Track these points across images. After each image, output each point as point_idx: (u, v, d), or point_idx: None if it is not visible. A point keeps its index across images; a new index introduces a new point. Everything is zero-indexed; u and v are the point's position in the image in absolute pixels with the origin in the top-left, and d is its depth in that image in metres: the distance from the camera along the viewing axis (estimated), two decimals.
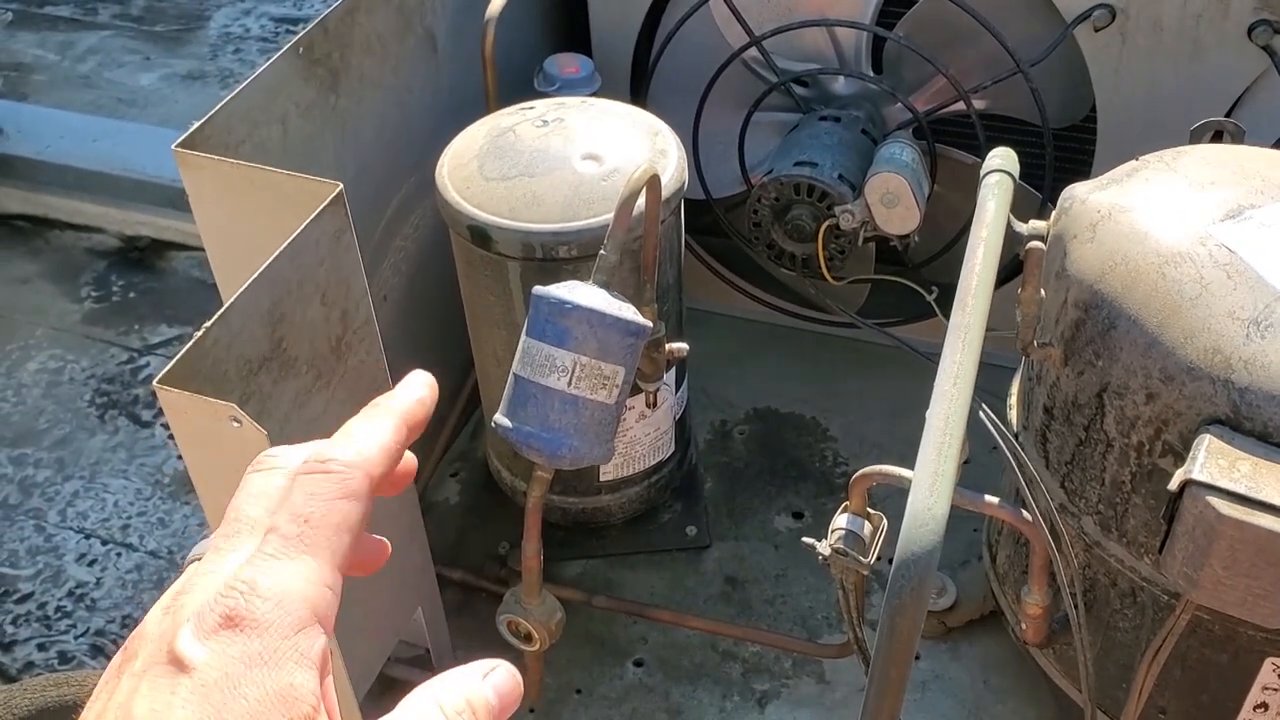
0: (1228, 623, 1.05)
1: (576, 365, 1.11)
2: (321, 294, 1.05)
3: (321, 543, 0.40)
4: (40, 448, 2.19)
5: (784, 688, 1.46)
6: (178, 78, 3.25)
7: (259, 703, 0.36)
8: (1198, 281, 1.01)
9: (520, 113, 1.41)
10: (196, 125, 1.11)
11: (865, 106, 1.64)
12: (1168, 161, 1.14)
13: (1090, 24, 1.46)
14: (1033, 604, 1.17)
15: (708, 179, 1.73)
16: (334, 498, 0.41)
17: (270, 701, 0.36)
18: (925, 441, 0.88)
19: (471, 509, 1.67)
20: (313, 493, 0.41)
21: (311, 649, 0.38)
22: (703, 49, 1.65)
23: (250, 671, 0.36)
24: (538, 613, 1.27)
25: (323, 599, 0.39)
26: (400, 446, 0.45)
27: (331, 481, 0.41)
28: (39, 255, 2.68)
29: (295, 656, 0.37)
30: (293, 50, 1.24)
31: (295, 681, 0.37)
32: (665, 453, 1.55)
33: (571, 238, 1.29)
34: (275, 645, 0.37)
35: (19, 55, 3.35)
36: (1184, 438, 1.00)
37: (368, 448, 0.43)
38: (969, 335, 0.95)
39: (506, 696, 0.42)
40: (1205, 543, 0.92)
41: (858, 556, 1.10)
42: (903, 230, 1.51)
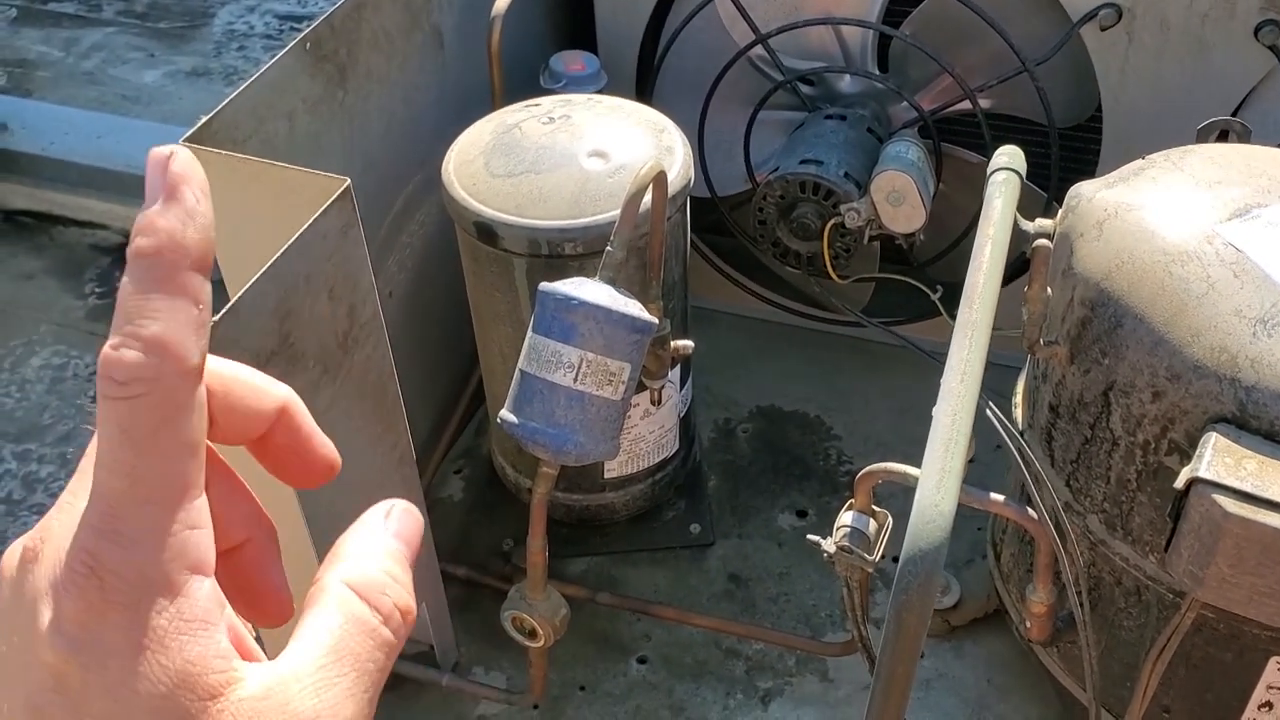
0: (1233, 621, 1.05)
1: (583, 361, 1.11)
2: (329, 289, 1.05)
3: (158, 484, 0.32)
4: (44, 443, 2.19)
5: (787, 685, 1.46)
6: (182, 75, 3.25)
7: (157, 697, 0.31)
8: (1204, 280, 1.01)
9: (526, 109, 1.41)
10: (203, 120, 1.12)
11: (871, 105, 1.64)
12: (1174, 160, 1.14)
13: (1096, 23, 1.46)
14: (1037, 602, 1.17)
15: (713, 177, 1.73)
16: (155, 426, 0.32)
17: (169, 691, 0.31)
18: (932, 439, 0.88)
19: (476, 505, 1.67)
20: (126, 426, 0.32)
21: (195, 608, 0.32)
22: (708, 47, 1.65)
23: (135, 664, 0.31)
24: (542, 609, 1.27)
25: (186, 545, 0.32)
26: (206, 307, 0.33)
27: (141, 408, 0.32)
28: (43, 251, 2.68)
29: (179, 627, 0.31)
30: (300, 46, 1.24)
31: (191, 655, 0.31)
32: (669, 450, 1.55)
33: (577, 234, 1.29)
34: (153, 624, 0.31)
35: (23, 51, 3.35)
36: (1190, 436, 1.00)
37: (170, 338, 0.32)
38: (976, 333, 0.95)
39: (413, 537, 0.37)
40: (1211, 541, 0.92)
41: (863, 554, 1.10)
42: (908, 229, 1.51)
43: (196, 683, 0.31)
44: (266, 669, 0.33)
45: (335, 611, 0.35)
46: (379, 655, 0.35)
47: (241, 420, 0.38)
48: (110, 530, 0.31)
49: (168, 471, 0.32)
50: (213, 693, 0.31)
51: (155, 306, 0.32)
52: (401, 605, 0.36)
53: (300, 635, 0.34)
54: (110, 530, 0.31)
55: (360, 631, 0.35)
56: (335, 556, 0.37)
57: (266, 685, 0.32)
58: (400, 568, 0.37)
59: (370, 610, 0.35)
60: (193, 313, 0.32)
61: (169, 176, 0.33)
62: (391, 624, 0.35)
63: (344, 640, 0.34)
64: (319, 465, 0.40)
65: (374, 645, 0.35)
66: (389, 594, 0.36)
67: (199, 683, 0.31)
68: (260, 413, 0.38)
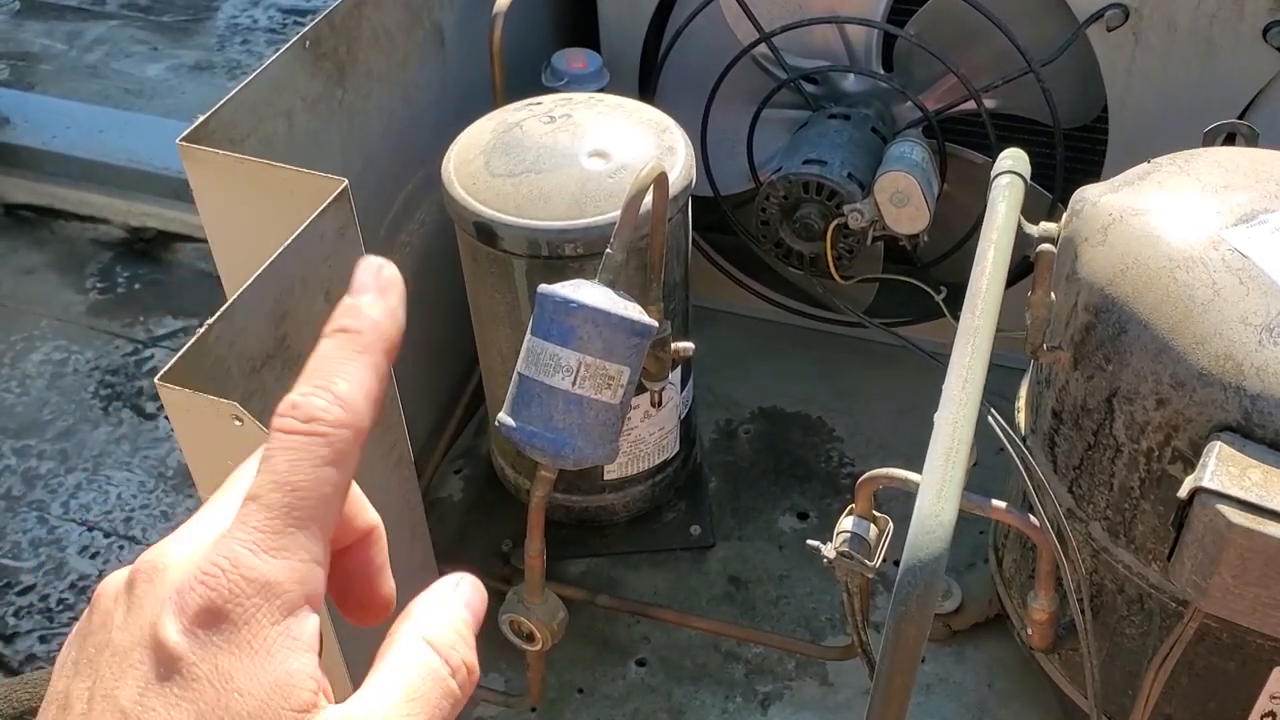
0: (1236, 631, 1.04)
1: (581, 365, 1.11)
2: (325, 290, 1.04)
3: (309, 514, 0.36)
4: (44, 439, 2.19)
5: (787, 689, 1.45)
6: (185, 68, 3.24)
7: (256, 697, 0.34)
8: (1210, 286, 1.00)
9: (527, 108, 1.40)
10: (201, 119, 1.11)
11: (875, 105, 1.63)
12: (1180, 164, 1.12)
13: (1103, 23, 1.45)
14: (1039, 609, 1.16)
15: (716, 176, 1.72)
16: (321, 463, 0.36)
17: (268, 694, 0.34)
18: (933, 446, 0.87)
19: (475, 506, 1.66)
20: (298, 457, 0.36)
21: (304, 632, 0.35)
22: (712, 45, 1.64)
23: (242, 663, 0.34)
24: (540, 612, 1.27)
25: (312, 576, 0.36)
26: (385, 385, 0.38)
27: (318, 445, 0.36)
28: (44, 246, 2.68)
29: (286, 642, 0.35)
30: (299, 44, 1.23)
31: (291, 669, 0.34)
32: (670, 452, 1.54)
33: (578, 235, 1.28)
34: (266, 633, 0.34)
35: (26, 44, 3.35)
36: (1194, 444, 0.99)
37: (354, 399, 0.36)
38: (978, 338, 0.94)
39: (479, 608, 0.40)
40: (1214, 551, 0.91)
41: (863, 560, 1.09)
42: (912, 230, 1.50)
43: (291, 694, 0.34)
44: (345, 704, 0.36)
45: (409, 660, 0.37)
46: (445, 704, 0.37)
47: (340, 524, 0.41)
48: (254, 541, 0.35)
49: (319, 508, 0.36)
50: (303, 707, 0.34)
51: (349, 371, 0.37)
52: (469, 663, 0.38)
53: (375, 679, 0.37)
54: (254, 541, 0.35)
55: (432, 679, 0.37)
56: (409, 615, 0.39)
57: (344, 713, 0.35)
58: (468, 631, 0.39)
59: (441, 662, 0.37)
60: (375, 387, 0.37)
61: (380, 279, 0.39)
62: (459, 678, 0.38)
63: (417, 685, 0.37)
64: (379, 600, 0.43)
65: (442, 694, 0.37)
66: (457, 650, 0.38)
67: (293, 695, 0.34)
68: (354, 524, 0.42)
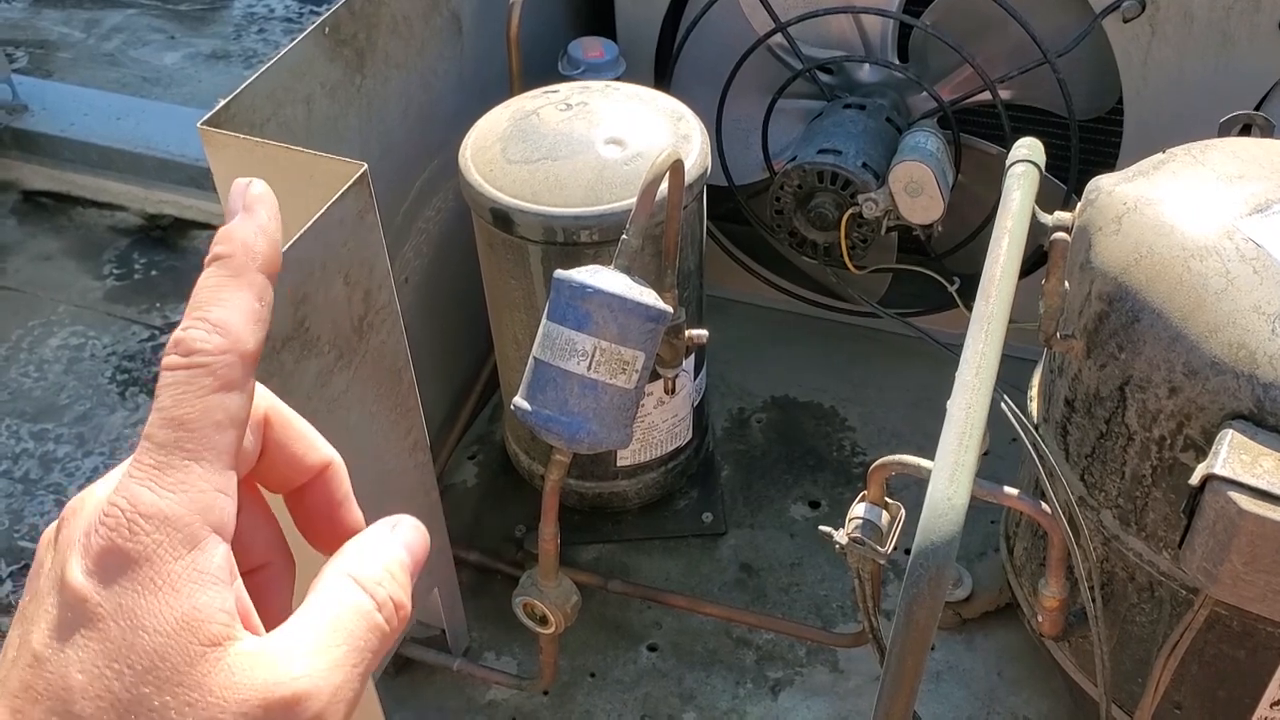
0: (1246, 619, 1.05)
1: (596, 350, 1.11)
2: (344, 274, 1.05)
3: (202, 444, 0.35)
4: (61, 423, 2.21)
5: (797, 676, 1.46)
6: (202, 57, 3.26)
7: (163, 634, 0.33)
8: (1223, 276, 1.00)
9: (544, 96, 1.41)
10: (222, 103, 1.12)
11: (890, 95, 1.63)
12: (1195, 154, 1.13)
13: (1119, 14, 1.45)
14: (1050, 597, 1.17)
15: (730, 165, 1.72)
16: (207, 393, 0.35)
17: (174, 630, 0.33)
18: (946, 432, 0.87)
19: (489, 491, 1.67)
20: (181, 391, 0.35)
21: (210, 563, 0.34)
22: (728, 34, 1.65)
23: (146, 601, 0.33)
24: (553, 596, 1.28)
25: (214, 505, 0.35)
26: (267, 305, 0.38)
27: (199, 375, 0.35)
28: (62, 232, 2.69)
29: (192, 575, 0.34)
30: (319, 30, 1.24)
31: (199, 603, 0.34)
32: (683, 439, 1.55)
33: (593, 222, 1.28)
34: (169, 569, 0.34)
35: (45, 33, 3.36)
36: (1206, 432, 0.99)
37: (232, 323, 0.36)
38: (992, 326, 0.94)
39: (417, 549, 0.40)
40: (1226, 538, 0.91)
41: (874, 546, 1.10)
42: (926, 220, 1.50)
43: (200, 628, 0.34)
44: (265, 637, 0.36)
45: (333, 595, 0.37)
46: (371, 637, 0.37)
47: (287, 463, 0.41)
48: (149, 478, 0.35)
49: (211, 437, 0.35)
50: (213, 640, 0.34)
51: (223, 297, 0.37)
52: (396, 599, 0.38)
53: (299, 613, 0.37)
54: (149, 478, 0.35)
55: (355, 613, 0.37)
56: (339, 555, 0.39)
57: (262, 644, 0.35)
58: (399, 569, 0.39)
59: (367, 598, 0.37)
60: (254, 306, 0.37)
61: (247, 198, 0.39)
62: (385, 612, 0.37)
63: (339, 618, 0.37)
64: (345, 532, 0.42)
65: (367, 627, 0.37)
66: (384, 586, 0.38)
67: (202, 629, 0.34)
68: (305, 463, 0.42)
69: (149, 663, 0.33)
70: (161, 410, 0.35)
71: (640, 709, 1.43)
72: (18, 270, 2.58)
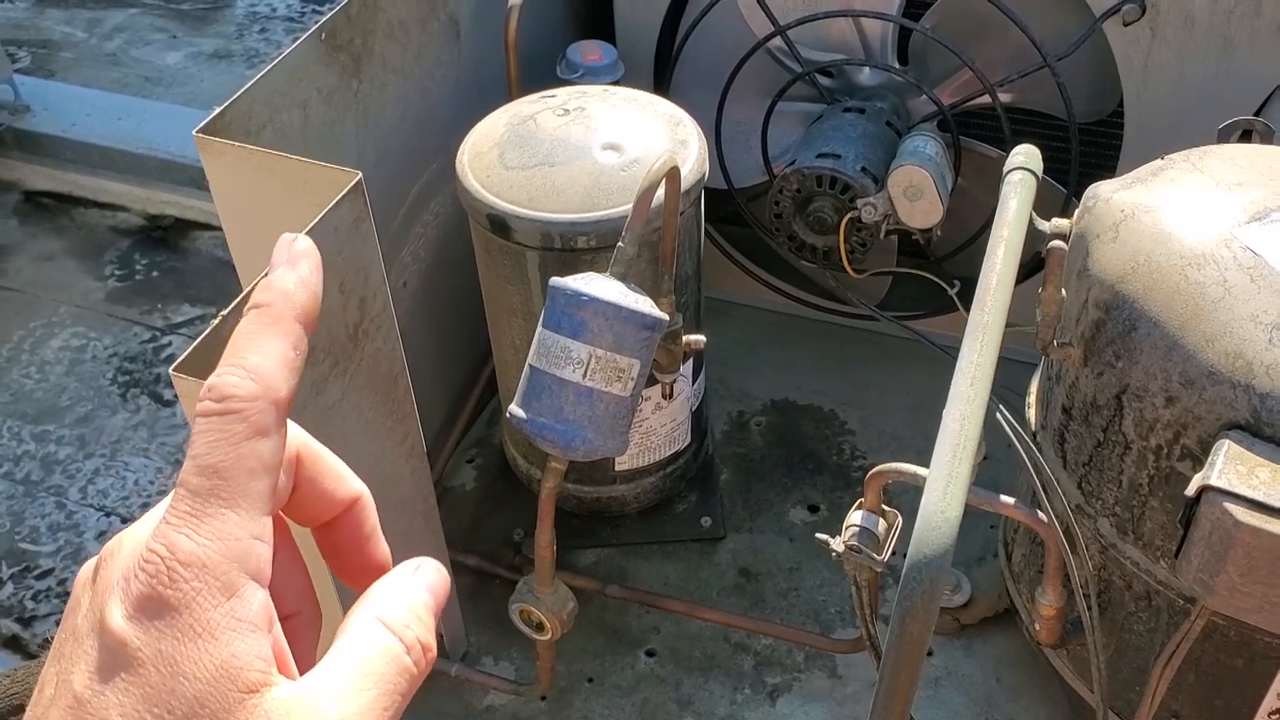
0: (1244, 628, 1.04)
1: (592, 358, 1.11)
2: (339, 282, 1.05)
3: (237, 491, 0.36)
4: (62, 425, 2.21)
5: (796, 681, 1.46)
6: (204, 57, 3.26)
7: (202, 680, 0.34)
8: (1221, 284, 0.99)
9: (541, 101, 1.40)
10: (217, 110, 1.12)
11: (890, 98, 1.63)
12: (1194, 161, 1.12)
13: (1120, 18, 1.45)
14: (1047, 605, 1.17)
15: (730, 169, 1.72)
16: (241, 440, 0.36)
17: (213, 676, 0.34)
18: (940, 443, 0.87)
19: (487, 495, 1.67)
20: (215, 438, 0.36)
21: (248, 611, 0.35)
22: (727, 38, 1.64)
23: (186, 648, 0.34)
24: (550, 602, 1.28)
25: (250, 553, 0.36)
26: (301, 354, 0.39)
27: (233, 422, 0.36)
28: (64, 233, 2.70)
29: (230, 623, 0.35)
30: (315, 36, 1.24)
31: (237, 650, 0.35)
32: (681, 443, 1.55)
33: (590, 228, 1.28)
34: (208, 616, 0.34)
35: (47, 32, 3.37)
36: (1203, 442, 0.99)
37: (266, 370, 0.37)
38: (987, 335, 0.94)
39: (439, 591, 0.41)
40: (1222, 549, 0.91)
41: (871, 554, 1.09)
42: (925, 224, 1.50)
43: (238, 675, 0.35)
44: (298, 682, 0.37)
45: (363, 639, 0.38)
46: (401, 680, 0.37)
47: (317, 498, 0.42)
48: (186, 525, 0.35)
49: (246, 484, 0.36)
50: (251, 688, 0.35)
51: (259, 344, 0.38)
52: (424, 641, 0.39)
53: (329, 658, 0.38)
54: (186, 525, 0.35)
55: (384, 657, 0.37)
56: (366, 598, 0.40)
57: (296, 689, 0.36)
58: (425, 611, 0.40)
59: (396, 640, 0.38)
60: (289, 354, 0.38)
61: (292, 252, 0.40)
62: (413, 655, 0.38)
63: (369, 661, 0.37)
64: (374, 565, 0.43)
65: (397, 670, 0.37)
66: (412, 629, 0.39)
67: (240, 676, 0.35)
68: (335, 497, 0.43)
69: (189, 709, 0.34)
70: (196, 457, 0.36)
71: (638, 714, 1.43)
72: (19, 271, 2.58)
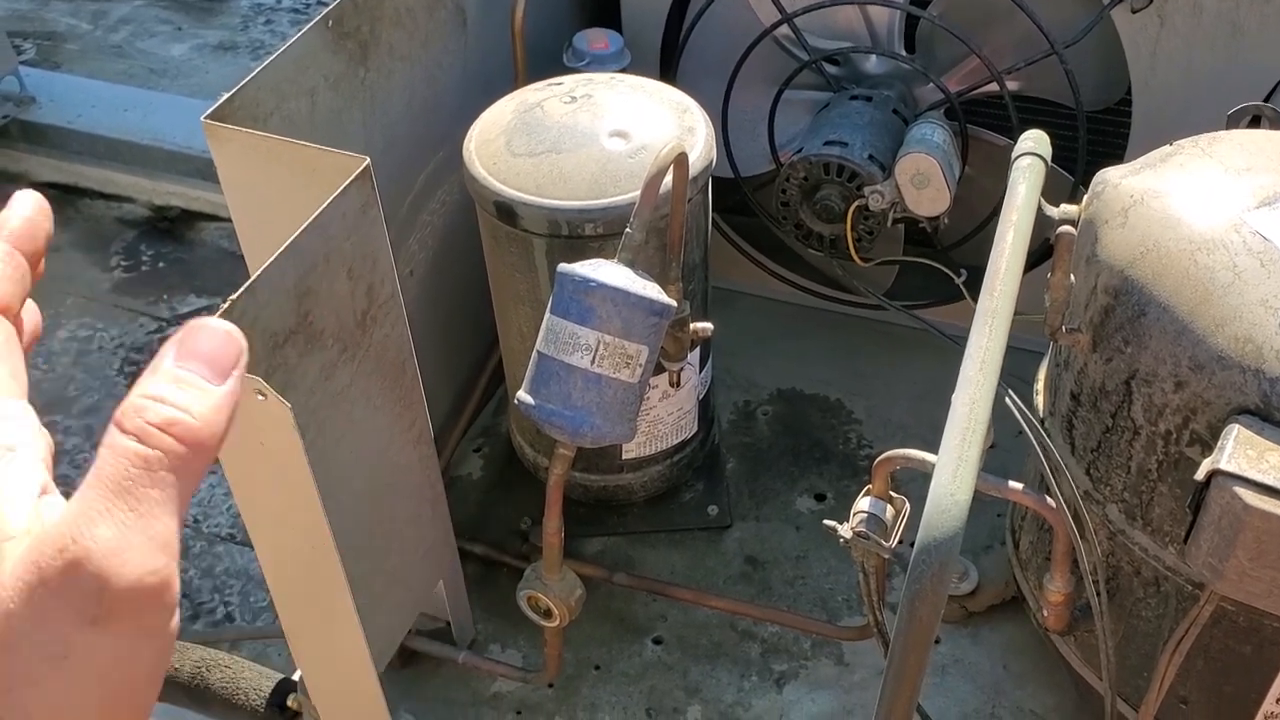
0: (1252, 614, 1.04)
1: (600, 344, 1.11)
2: (348, 268, 1.05)
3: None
4: (69, 415, 2.22)
5: (803, 669, 1.46)
6: (209, 48, 3.26)
7: None
8: (1230, 269, 0.99)
9: (548, 88, 1.40)
10: (225, 97, 1.12)
11: (897, 86, 1.62)
12: (1203, 147, 1.12)
13: (1128, 5, 1.44)
14: (1055, 591, 1.17)
15: (737, 157, 1.72)
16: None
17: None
18: (949, 427, 0.87)
19: (495, 484, 1.67)
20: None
21: None
22: (734, 25, 1.64)
23: None
24: (558, 589, 1.28)
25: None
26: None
27: None
28: (70, 224, 2.70)
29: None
30: (322, 23, 1.24)
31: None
32: (688, 432, 1.55)
33: (598, 215, 1.28)
34: None
35: (52, 24, 3.37)
36: (1212, 427, 0.99)
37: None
38: (996, 320, 0.94)
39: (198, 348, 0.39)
40: (1231, 534, 0.91)
41: (879, 540, 1.10)
42: (933, 212, 1.49)
43: None
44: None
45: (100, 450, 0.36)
46: (136, 471, 0.35)
47: None
48: None
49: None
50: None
51: None
52: (159, 420, 0.36)
53: None
54: None
55: (113, 456, 0.36)
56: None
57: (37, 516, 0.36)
58: (164, 384, 0.37)
59: (119, 433, 0.36)
60: None
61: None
62: (150, 440, 0.36)
63: (99, 468, 0.36)
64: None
65: (129, 463, 0.35)
66: (141, 415, 0.36)
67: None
68: None
69: None
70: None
71: (645, 702, 1.43)
72: None
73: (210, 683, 1.41)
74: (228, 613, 1.88)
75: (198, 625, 1.88)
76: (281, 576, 1.12)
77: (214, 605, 1.90)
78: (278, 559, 1.10)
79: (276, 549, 1.09)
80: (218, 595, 1.91)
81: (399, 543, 1.22)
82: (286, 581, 1.13)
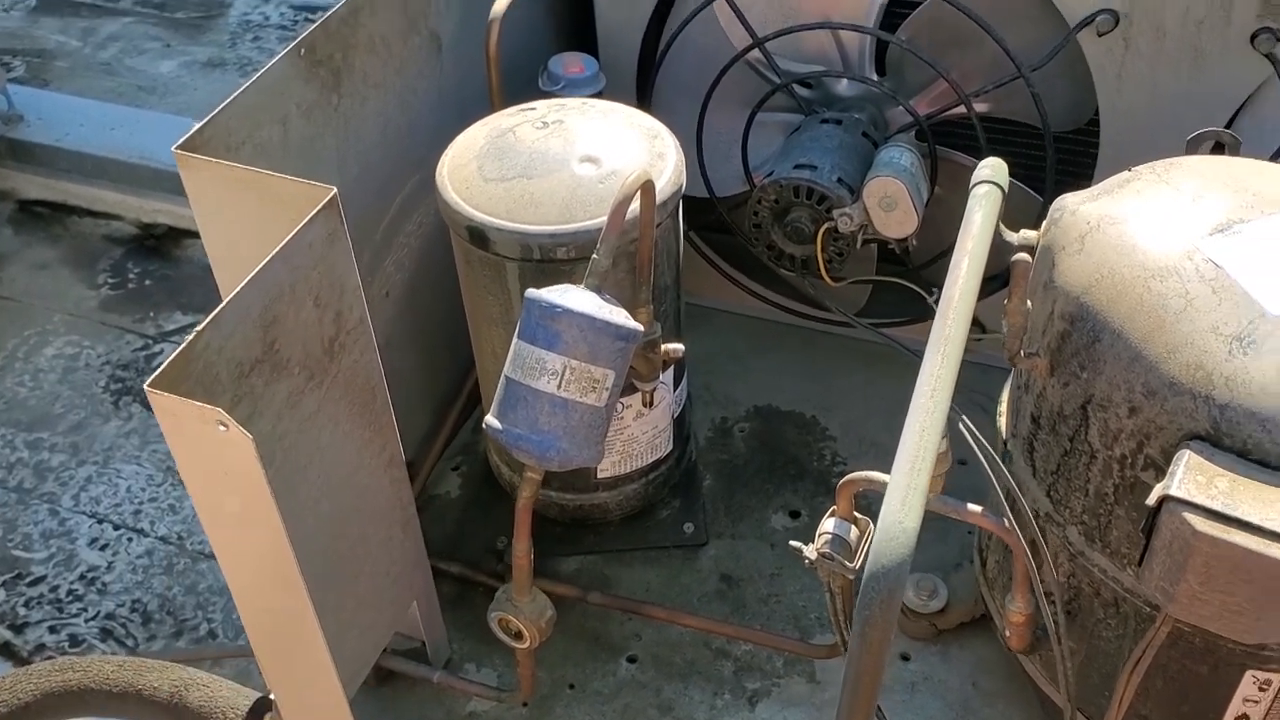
0: (1208, 635, 1.06)
1: (566, 369, 1.13)
2: (314, 296, 1.07)
3: None
4: (55, 432, 2.23)
5: (775, 686, 1.47)
6: (197, 65, 3.28)
7: None
8: (1183, 296, 1.01)
9: (521, 114, 1.42)
10: (196, 127, 1.13)
11: (868, 108, 1.64)
12: (1159, 173, 1.14)
13: (1094, 28, 1.46)
14: (1015, 612, 1.18)
15: (712, 178, 1.73)
16: None
17: None
18: (899, 454, 0.89)
19: (472, 502, 1.69)
20: None
21: None
22: (707, 50, 1.66)
23: None
24: (528, 610, 1.29)
25: None
26: None
27: None
28: (58, 241, 2.71)
29: None
30: (294, 51, 1.25)
31: None
32: (663, 450, 1.56)
33: (568, 240, 1.30)
34: None
35: (42, 41, 3.39)
36: (1165, 452, 1.00)
37: None
38: (949, 348, 0.96)
39: None
40: (1181, 558, 0.92)
41: (843, 561, 1.11)
42: (901, 234, 1.51)
43: None
44: None
45: None
46: None
47: None
48: None
49: None
50: None
51: None
52: None
53: None
54: None
55: None
56: None
57: None
58: None
59: None
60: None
61: None
62: None
63: None
64: None
65: None
66: None
67: None
68: None
69: None
70: None
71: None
72: (13, 279, 2.60)
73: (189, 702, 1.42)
74: (210, 629, 1.89)
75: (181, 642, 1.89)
76: (249, 601, 1.14)
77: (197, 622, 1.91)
78: (245, 583, 1.12)
79: (243, 573, 1.11)
80: (200, 612, 1.92)
81: (370, 565, 1.24)
82: (254, 606, 1.14)
